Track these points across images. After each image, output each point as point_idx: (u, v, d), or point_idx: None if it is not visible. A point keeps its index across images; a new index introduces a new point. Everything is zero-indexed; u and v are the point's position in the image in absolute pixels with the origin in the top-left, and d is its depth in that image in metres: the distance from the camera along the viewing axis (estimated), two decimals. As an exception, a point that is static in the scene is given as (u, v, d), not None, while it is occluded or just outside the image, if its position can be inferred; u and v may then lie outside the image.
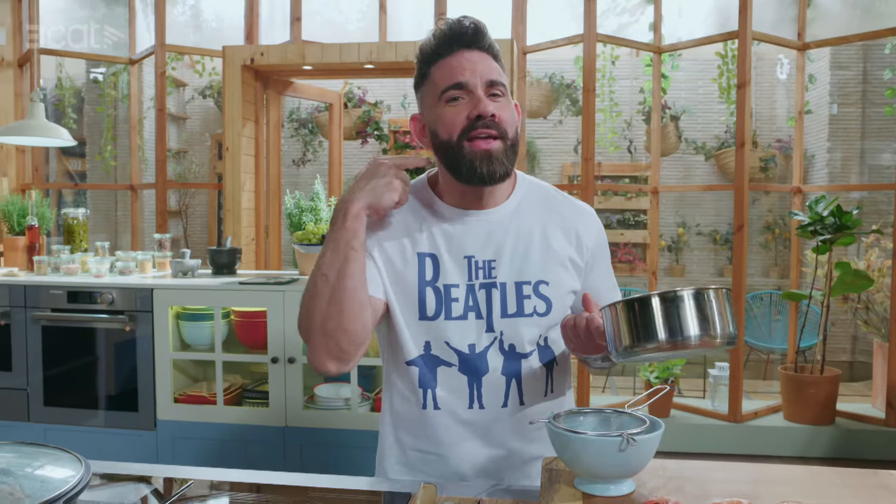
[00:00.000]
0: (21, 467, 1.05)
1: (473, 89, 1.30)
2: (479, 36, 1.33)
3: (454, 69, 1.32)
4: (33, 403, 3.20)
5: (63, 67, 5.51)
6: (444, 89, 1.32)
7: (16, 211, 3.55)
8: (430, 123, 1.36)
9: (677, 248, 6.49)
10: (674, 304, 1.10)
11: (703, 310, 1.10)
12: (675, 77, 6.36)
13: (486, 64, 1.32)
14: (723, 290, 1.13)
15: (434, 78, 1.34)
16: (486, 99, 1.30)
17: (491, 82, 1.31)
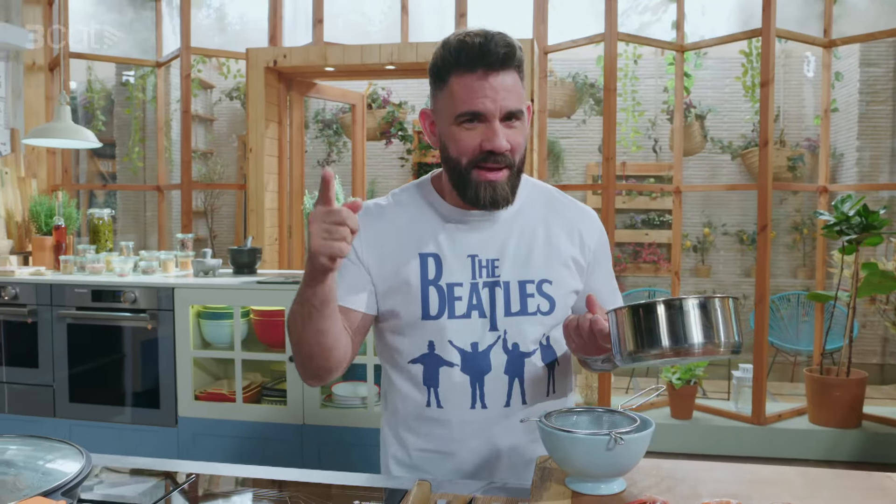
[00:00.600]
0: (24, 459, 1.08)
1: (491, 120, 1.28)
2: (507, 60, 1.27)
3: (475, 93, 1.27)
4: (59, 400, 3.27)
5: (92, 70, 5.63)
6: (460, 113, 1.29)
7: (43, 211, 3.63)
8: (442, 136, 1.35)
9: (703, 249, 6.42)
10: (679, 311, 1.10)
11: (708, 318, 1.11)
12: (701, 76, 6.30)
13: (509, 89, 1.28)
14: (729, 299, 1.13)
15: (453, 90, 1.29)
16: (502, 130, 1.28)
17: (510, 113, 1.29)
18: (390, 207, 1.46)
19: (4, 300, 3.28)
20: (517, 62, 1.29)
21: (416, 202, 1.45)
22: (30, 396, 3.30)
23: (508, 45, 1.27)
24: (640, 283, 6.45)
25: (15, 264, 3.52)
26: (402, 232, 1.42)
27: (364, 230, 1.42)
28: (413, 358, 1.41)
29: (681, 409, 4.31)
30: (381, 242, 1.42)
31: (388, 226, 1.43)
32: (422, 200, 1.45)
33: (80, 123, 5.59)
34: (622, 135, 5.00)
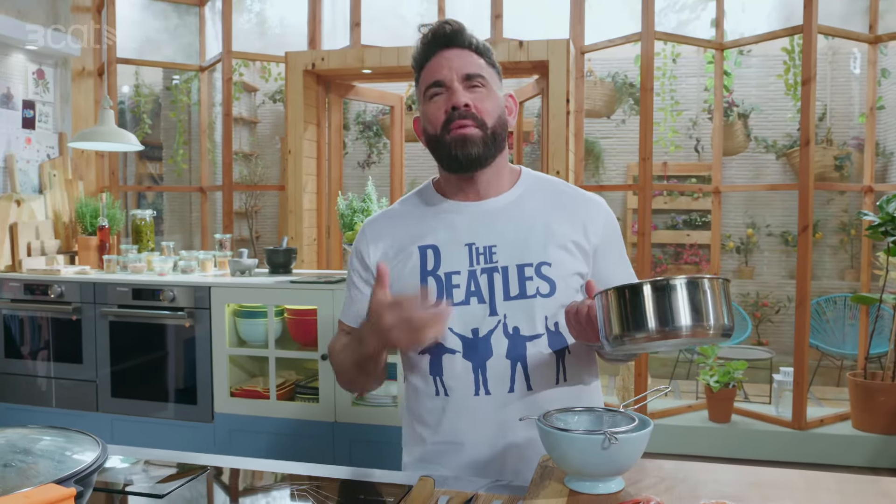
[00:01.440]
0: (42, 449, 1.13)
1: (450, 84, 1.38)
2: (456, 35, 1.41)
3: (433, 68, 1.41)
4: (101, 395, 3.38)
5: (139, 75, 5.78)
6: (425, 88, 1.41)
7: (89, 212, 3.75)
8: (422, 122, 1.45)
9: (746, 250, 6.31)
10: (665, 292, 1.08)
11: (695, 299, 1.08)
12: (745, 74, 6.20)
13: (465, 59, 1.40)
14: (718, 281, 1.11)
15: (421, 80, 1.44)
16: (463, 91, 1.38)
17: (468, 75, 1.39)
18: (395, 210, 1.56)
19: (51, 298, 3.40)
20: (468, 43, 1.42)
21: (417, 203, 1.52)
22: (75, 391, 3.42)
23: (455, 24, 1.42)
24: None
25: (62, 263, 3.65)
26: (404, 230, 1.49)
27: (371, 236, 1.52)
28: (420, 349, 1.44)
29: (719, 412, 4.25)
30: (384, 241, 1.49)
31: (391, 226, 1.51)
32: (423, 201, 1.52)
33: (128, 127, 5.76)
34: (659, 135, 4.94)
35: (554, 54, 4.23)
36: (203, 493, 1.29)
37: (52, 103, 3.89)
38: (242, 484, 1.35)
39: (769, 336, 6.18)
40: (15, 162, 3.61)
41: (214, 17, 5.07)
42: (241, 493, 1.33)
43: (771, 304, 6.24)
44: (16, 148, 3.63)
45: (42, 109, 3.81)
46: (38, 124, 3.78)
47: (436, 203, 1.48)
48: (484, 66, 1.42)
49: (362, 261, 1.51)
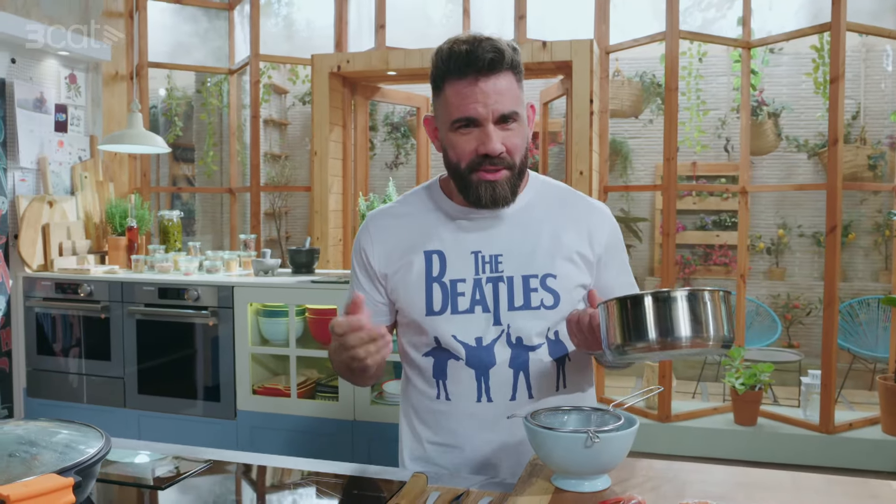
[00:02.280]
0: (47, 439, 1.18)
1: (484, 123, 1.32)
2: (495, 64, 1.30)
3: (466, 99, 1.31)
4: (129, 391, 3.46)
5: (171, 79, 5.90)
6: (455, 119, 1.33)
7: (118, 213, 3.84)
8: (442, 141, 1.40)
9: (777, 251, 6.21)
10: (666, 304, 1.10)
11: (696, 311, 1.10)
12: (776, 72, 6.11)
13: (501, 92, 1.31)
14: (719, 293, 1.13)
15: (447, 97, 1.34)
16: (496, 133, 1.32)
17: (503, 116, 1.32)
18: (398, 210, 1.53)
19: (80, 297, 3.49)
20: (508, 65, 1.31)
21: (423, 203, 1.50)
22: (104, 388, 3.50)
23: (496, 49, 1.30)
24: (709, 286, 6.29)
25: (92, 263, 3.74)
26: (409, 231, 1.47)
27: (375, 234, 1.50)
28: (425, 352, 1.46)
29: (744, 414, 4.20)
30: (389, 242, 1.48)
31: (396, 227, 1.49)
32: (429, 201, 1.50)
33: (161, 129, 5.88)
34: (685, 134, 4.90)
35: (577, 55, 4.22)
36: (231, 487, 1.33)
37: (84, 107, 3.99)
38: (244, 477, 1.38)
39: (800, 338, 6.08)
40: (48, 164, 3.71)
41: (243, 21, 5.15)
42: (247, 485, 1.36)
43: (802, 306, 6.14)
44: (48, 151, 3.74)
45: (74, 113, 3.91)
46: (70, 128, 3.88)
47: (443, 206, 1.47)
48: (517, 93, 1.34)
49: (366, 259, 1.50)
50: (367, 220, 1.55)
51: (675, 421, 4.25)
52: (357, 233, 1.55)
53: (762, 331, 5.63)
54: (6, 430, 1.20)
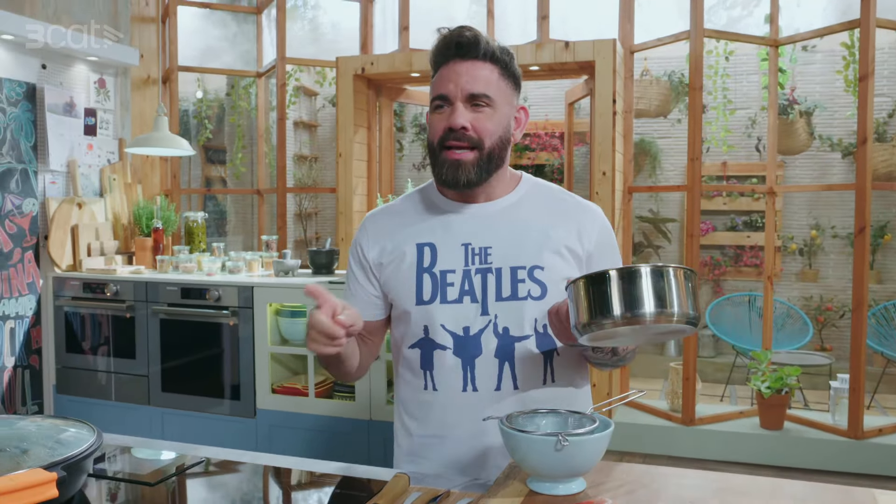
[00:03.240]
0: (39, 436, 1.21)
1: (453, 100, 1.38)
2: (470, 47, 1.39)
3: (442, 80, 1.41)
4: (153, 389, 3.54)
5: (201, 82, 6.00)
6: (432, 98, 1.42)
7: (145, 214, 3.92)
8: (428, 124, 1.47)
9: (810, 252, 6.09)
10: (630, 279, 1.10)
11: (660, 287, 1.10)
12: (809, 70, 6.00)
13: (474, 75, 1.38)
14: (683, 270, 1.12)
15: (432, 85, 1.44)
16: (463, 111, 1.37)
17: (472, 95, 1.37)
18: (396, 207, 1.58)
19: (107, 296, 3.58)
20: (488, 55, 1.39)
21: (419, 200, 1.54)
22: (130, 385, 3.58)
23: (474, 35, 1.39)
24: (740, 287, 6.19)
25: (120, 263, 3.83)
26: (403, 226, 1.51)
27: (371, 230, 1.55)
28: (411, 343, 1.49)
29: (770, 418, 4.13)
30: (384, 237, 1.52)
31: (392, 222, 1.54)
32: (424, 198, 1.54)
33: (192, 132, 5.99)
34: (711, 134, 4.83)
35: (600, 54, 4.20)
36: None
37: (113, 111, 4.08)
38: (233, 475, 1.40)
39: (833, 341, 5.96)
40: (77, 167, 3.80)
41: (270, 25, 5.22)
42: (235, 482, 1.37)
43: (835, 308, 6.01)
44: (78, 154, 3.83)
45: (103, 117, 4.00)
46: (99, 131, 3.97)
47: (436, 202, 1.51)
48: (495, 80, 1.39)
49: (362, 253, 1.54)
50: (365, 218, 1.60)
51: (698, 424, 4.20)
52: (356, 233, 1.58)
53: (793, 333, 5.53)
54: (1, 426, 1.24)
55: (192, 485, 1.34)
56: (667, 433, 4.20)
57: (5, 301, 3.51)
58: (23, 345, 3.61)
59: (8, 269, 3.51)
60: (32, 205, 3.63)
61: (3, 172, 3.48)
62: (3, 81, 3.47)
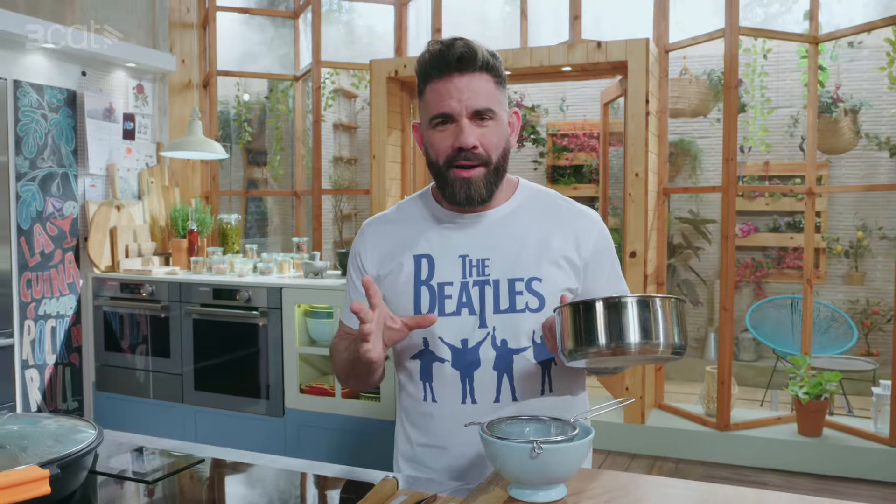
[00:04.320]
0: (40, 434, 1.26)
1: (458, 118, 1.35)
2: (467, 61, 1.35)
3: (442, 96, 1.36)
4: (186, 387, 3.62)
5: (244, 85, 6.10)
6: (432, 116, 1.38)
7: (181, 217, 4.01)
8: (425, 142, 1.44)
9: (856, 254, 5.91)
10: (616, 309, 1.11)
11: (646, 318, 1.11)
12: (855, 67, 5.82)
13: (475, 88, 1.35)
14: (671, 300, 1.13)
15: (427, 99, 1.40)
16: (471, 128, 1.35)
17: (477, 111, 1.35)
18: (393, 216, 1.57)
19: (143, 296, 3.67)
20: (483, 65, 1.36)
21: (416, 210, 1.54)
22: (165, 384, 3.68)
23: (468, 47, 1.35)
24: (783, 290, 6.04)
25: (157, 264, 3.93)
26: (401, 236, 1.51)
27: (369, 239, 1.55)
28: (412, 355, 1.49)
29: (808, 425, 4.03)
30: (381, 246, 1.52)
31: (389, 232, 1.53)
32: (421, 207, 1.53)
33: (232, 135, 6.10)
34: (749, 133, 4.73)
35: (632, 54, 4.16)
36: (215, 484, 1.39)
37: (151, 115, 4.19)
38: (229, 475, 1.43)
39: (879, 346, 5.77)
40: (116, 171, 3.91)
41: (307, 29, 5.29)
42: (230, 483, 1.39)
43: (882, 312, 5.82)
44: (117, 158, 3.94)
45: (141, 122, 4.11)
46: (138, 135, 4.08)
47: (434, 212, 1.50)
48: (493, 92, 1.38)
49: (360, 263, 1.54)
50: (363, 226, 1.59)
51: (733, 429, 4.12)
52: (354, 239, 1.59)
53: (837, 338, 5.38)
54: (3, 423, 1.29)
55: (184, 483, 1.37)
56: (701, 438, 4.13)
57: (47, 300, 3.64)
58: (63, 343, 3.73)
59: (49, 270, 3.64)
60: (73, 207, 3.75)
61: (44, 176, 3.60)
62: (45, 88, 3.59)
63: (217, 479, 1.42)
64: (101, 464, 1.44)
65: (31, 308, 3.57)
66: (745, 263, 6.22)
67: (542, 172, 7.03)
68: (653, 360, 1.21)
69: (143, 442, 1.58)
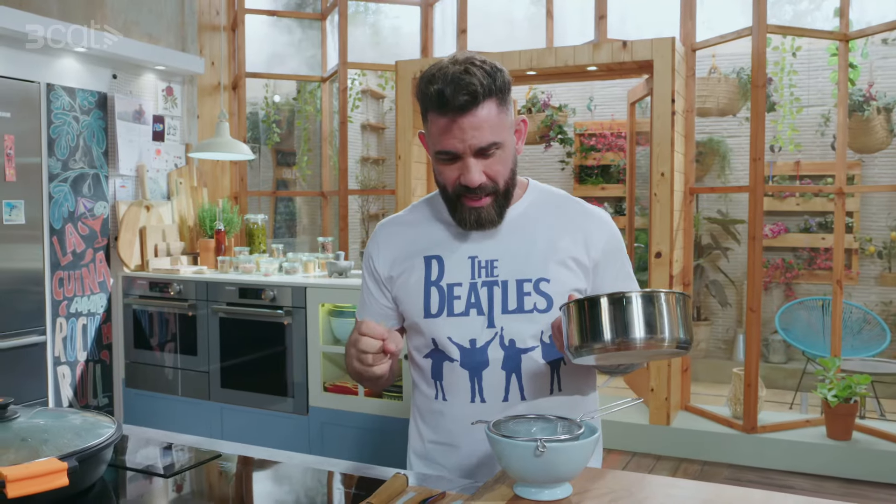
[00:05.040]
0: (61, 428, 1.30)
1: (464, 157, 1.35)
2: (469, 106, 1.31)
3: (445, 135, 1.34)
4: (213, 385, 3.67)
5: (273, 87, 6.17)
6: (436, 151, 1.38)
7: (208, 217, 4.08)
8: (433, 165, 1.46)
9: (890, 255, 5.80)
10: (621, 305, 1.12)
11: (650, 313, 1.11)
12: (890, 65, 5.72)
13: (478, 127, 1.33)
14: (675, 295, 1.13)
15: (430, 126, 1.38)
16: (476, 165, 1.35)
17: (481, 149, 1.35)
18: (405, 218, 1.60)
19: (171, 295, 3.74)
20: (485, 96, 1.32)
21: (427, 212, 1.56)
22: (192, 381, 3.74)
23: (469, 91, 1.30)
24: (813, 291, 5.95)
25: (185, 264, 3.99)
26: (412, 238, 1.54)
27: (382, 241, 1.58)
28: (424, 353, 1.51)
29: (837, 428, 3.97)
30: (393, 249, 1.55)
31: (401, 234, 1.56)
32: (433, 210, 1.55)
33: (261, 136, 6.17)
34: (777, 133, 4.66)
35: (658, 53, 4.13)
36: (228, 477, 1.42)
37: (180, 117, 4.26)
38: (242, 469, 1.46)
39: (913, 349, 5.66)
40: (145, 171, 3.99)
41: (334, 31, 5.34)
42: (244, 476, 1.42)
43: (916, 314, 5.72)
44: (146, 159, 4.02)
45: (170, 123, 4.18)
46: (167, 137, 4.15)
47: (443, 215, 1.51)
48: (496, 121, 1.34)
49: (373, 265, 1.57)
50: (376, 228, 1.62)
51: (761, 432, 4.07)
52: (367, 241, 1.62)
53: (870, 340, 5.29)
54: (31, 417, 1.33)
55: (200, 479, 1.40)
56: (727, 440, 4.10)
57: (78, 299, 3.72)
58: (94, 340, 3.81)
59: (80, 269, 3.72)
60: (103, 208, 3.82)
61: (76, 177, 3.68)
62: (76, 91, 3.67)
63: (245, 476, 1.45)
64: (129, 458, 1.48)
65: (63, 306, 3.65)
66: (775, 264, 6.14)
67: (569, 172, 7.01)
68: (659, 356, 1.21)
69: (169, 438, 1.62)
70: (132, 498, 1.35)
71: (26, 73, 3.45)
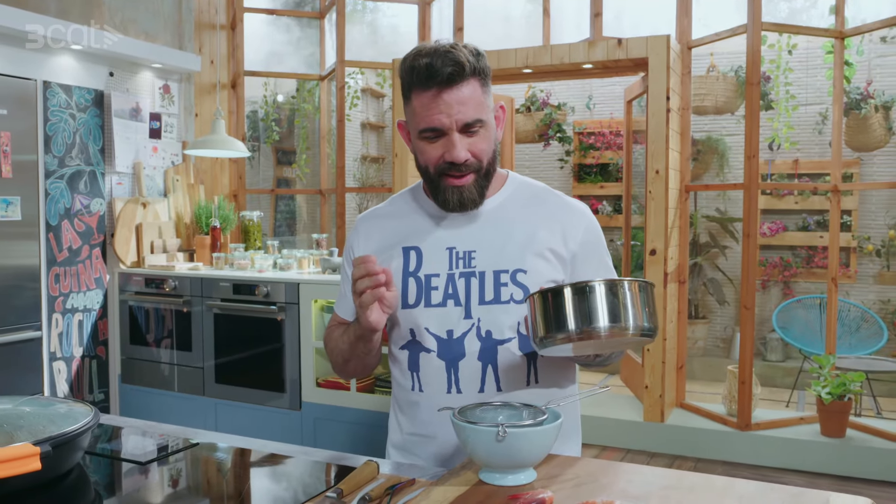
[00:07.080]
0: (38, 414, 1.32)
1: (449, 133, 1.36)
2: (456, 77, 1.34)
3: (430, 110, 1.35)
4: (207, 380, 3.70)
5: (272, 85, 6.20)
6: (421, 129, 1.38)
7: (204, 214, 4.10)
8: (413, 147, 1.46)
9: (888, 253, 5.79)
10: (584, 294, 1.13)
11: (614, 301, 1.12)
12: (888, 63, 5.70)
13: (463, 102, 1.35)
14: (638, 283, 1.14)
15: (414, 106, 1.39)
16: (461, 141, 1.37)
17: (467, 125, 1.36)
18: (385, 210, 1.61)
19: (166, 291, 3.76)
20: (470, 73, 1.35)
21: (407, 204, 1.57)
22: (188, 377, 3.76)
23: (456, 62, 1.33)
24: (811, 290, 5.94)
25: (181, 260, 4.02)
26: (392, 230, 1.55)
27: (363, 233, 1.59)
28: (401, 345, 1.52)
29: (831, 426, 3.97)
30: (374, 240, 1.56)
31: (381, 226, 1.57)
32: (412, 202, 1.56)
33: (261, 134, 6.20)
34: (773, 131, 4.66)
35: (653, 51, 4.14)
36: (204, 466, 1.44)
37: (177, 115, 4.28)
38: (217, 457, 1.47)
39: (911, 347, 5.65)
40: (142, 169, 4.01)
41: (332, 29, 5.36)
42: (223, 465, 1.43)
43: (914, 313, 5.70)
44: (143, 156, 4.04)
45: (167, 121, 4.21)
46: (164, 134, 4.18)
47: (423, 206, 1.53)
48: (480, 99, 1.37)
49: (354, 256, 1.58)
50: (357, 220, 1.63)
51: (755, 429, 4.07)
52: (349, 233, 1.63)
53: (868, 338, 5.28)
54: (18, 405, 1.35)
55: (178, 466, 1.42)
56: (721, 438, 4.10)
57: (74, 295, 3.74)
58: (90, 336, 3.84)
59: (77, 265, 3.74)
60: (100, 204, 3.85)
61: (72, 174, 3.71)
62: (73, 89, 3.70)
63: (217, 463, 1.47)
64: (112, 446, 1.50)
65: (59, 302, 3.68)
66: (773, 263, 6.13)
67: (568, 171, 7.01)
68: (625, 345, 1.22)
69: (157, 430, 1.63)
70: (107, 483, 1.37)
71: (23, 70, 3.48)
